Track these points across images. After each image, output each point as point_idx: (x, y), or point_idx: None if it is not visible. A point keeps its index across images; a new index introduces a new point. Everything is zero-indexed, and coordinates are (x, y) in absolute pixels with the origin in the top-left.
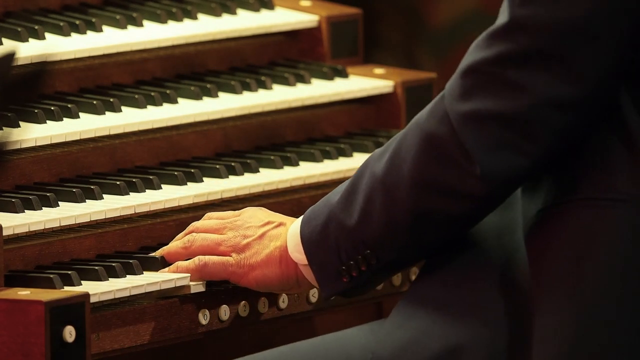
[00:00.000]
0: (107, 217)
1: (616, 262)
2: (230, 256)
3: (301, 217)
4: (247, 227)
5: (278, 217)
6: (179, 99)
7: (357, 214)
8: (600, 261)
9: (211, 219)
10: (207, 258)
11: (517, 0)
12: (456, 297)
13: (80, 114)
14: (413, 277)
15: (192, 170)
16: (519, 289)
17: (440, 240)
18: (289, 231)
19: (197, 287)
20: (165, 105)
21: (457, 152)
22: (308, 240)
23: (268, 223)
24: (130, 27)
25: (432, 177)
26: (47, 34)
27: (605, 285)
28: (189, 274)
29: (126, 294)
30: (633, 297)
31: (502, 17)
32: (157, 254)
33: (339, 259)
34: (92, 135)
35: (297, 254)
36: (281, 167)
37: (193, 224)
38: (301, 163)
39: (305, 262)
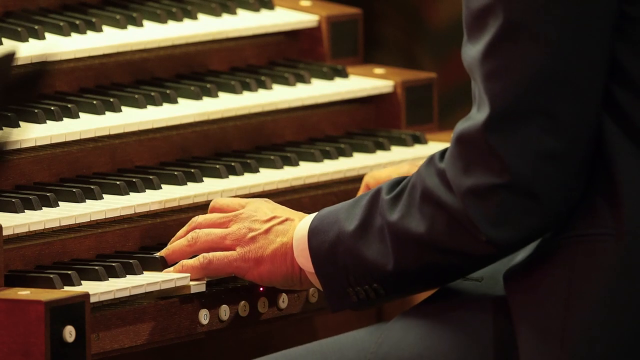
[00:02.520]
0: (107, 217)
1: (603, 294)
2: (235, 250)
3: (308, 220)
4: (253, 220)
5: (284, 211)
6: (179, 99)
7: (369, 250)
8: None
9: (215, 208)
10: (211, 255)
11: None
12: (453, 318)
13: (80, 114)
14: None
15: (192, 170)
16: (505, 315)
17: (450, 280)
18: (296, 233)
19: (197, 287)
20: (165, 105)
21: (466, 221)
22: (316, 253)
23: (274, 218)
24: (130, 27)
25: (441, 239)
26: (47, 34)
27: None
28: (189, 274)
29: (126, 294)
30: (619, 327)
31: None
32: (161, 253)
33: (347, 280)
34: (92, 135)
35: (303, 260)
36: (281, 167)
37: (195, 218)
38: (301, 163)
39: (312, 270)
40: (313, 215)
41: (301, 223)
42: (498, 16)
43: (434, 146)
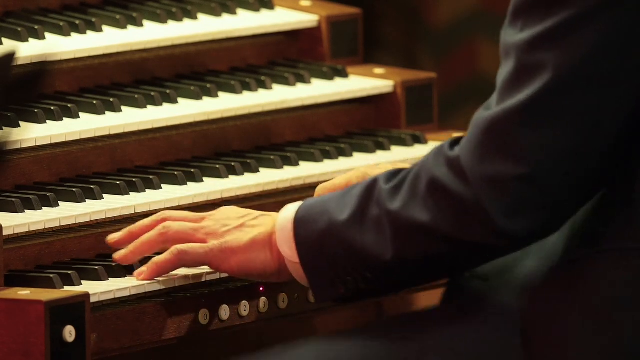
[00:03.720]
0: (107, 217)
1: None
2: (209, 242)
3: (294, 208)
4: (226, 217)
5: (256, 211)
6: (179, 99)
7: (365, 240)
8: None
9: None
10: (185, 246)
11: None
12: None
13: (80, 114)
14: None
15: (192, 170)
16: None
17: (451, 274)
18: (279, 222)
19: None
20: (165, 105)
21: (476, 210)
22: (303, 243)
23: (246, 215)
24: (130, 27)
25: (447, 228)
26: (47, 34)
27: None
28: (190, 273)
29: (126, 293)
30: None
31: (507, 66)
32: (130, 248)
33: (335, 272)
34: (92, 135)
35: (287, 250)
36: (281, 167)
37: (164, 212)
38: (301, 163)
39: (296, 259)
40: (295, 204)
41: (284, 212)
42: (568, 7)
43: (434, 146)
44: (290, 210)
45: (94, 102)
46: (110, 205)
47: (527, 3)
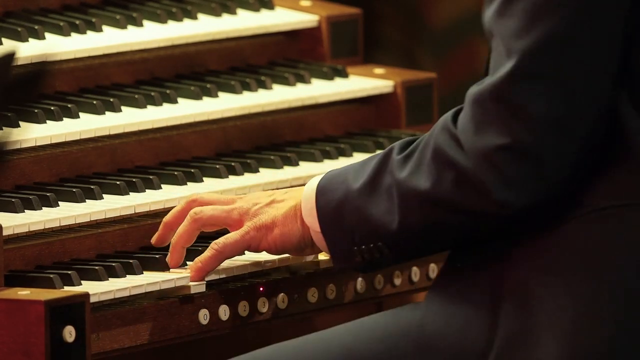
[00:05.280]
0: (107, 217)
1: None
2: (243, 224)
3: (318, 178)
4: (256, 197)
5: (282, 189)
6: (179, 99)
7: (375, 208)
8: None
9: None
10: (221, 240)
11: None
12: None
13: (80, 114)
14: (415, 278)
15: (192, 170)
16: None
17: (456, 244)
18: (305, 193)
19: (198, 288)
20: (165, 105)
21: (475, 180)
22: (322, 212)
23: (274, 193)
24: (130, 27)
25: (447, 196)
26: (47, 34)
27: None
28: (188, 274)
29: (126, 293)
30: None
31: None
32: (171, 250)
33: (352, 240)
34: (92, 135)
35: (311, 218)
36: (281, 167)
37: (193, 195)
38: (301, 163)
39: (318, 229)
40: (321, 175)
41: (309, 183)
42: None
43: None
44: (315, 180)
45: (94, 102)
46: (110, 205)
47: None
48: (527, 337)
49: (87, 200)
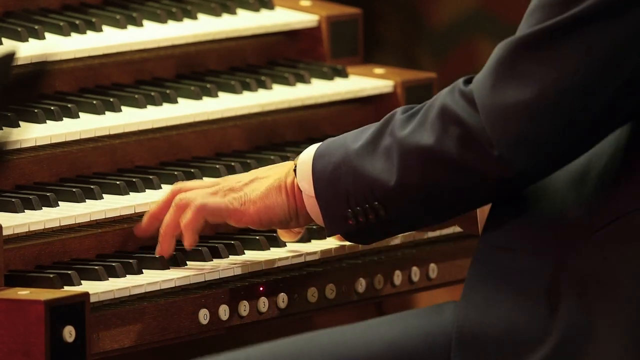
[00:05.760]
0: (107, 217)
1: None
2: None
3: (314, 147)
4: (239, 175)
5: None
6: (179, 99)
7: (372, 167)
8: None
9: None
10: (202, 199)
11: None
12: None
13: (80, 114)
14: (415, 278)
15: (192, 170)
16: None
17: (453, 212)
18: (301, 158)
19: (197, 277)
20: (165, 105)
21: (480, 136)
22: (319, 176)
23: (257, 171)
24: (130, 27)
25: (449, 152)
26: (47, 34)
27: None
28: (190, 273)
29: (126, 293)
30: None
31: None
32: (160, 240)
33: (347, 202)
34: (92, 135)
35: (305, 183)
36: None
37: (177, 183)
38: None
39: (312, 193)
40: (319, 143)
41: (308, 149)
42: None
43: None
44: (313, 147)
45: (94, 102)
46: (110, 205)
47: None
48: (589, 329)
49: (87, 200)
